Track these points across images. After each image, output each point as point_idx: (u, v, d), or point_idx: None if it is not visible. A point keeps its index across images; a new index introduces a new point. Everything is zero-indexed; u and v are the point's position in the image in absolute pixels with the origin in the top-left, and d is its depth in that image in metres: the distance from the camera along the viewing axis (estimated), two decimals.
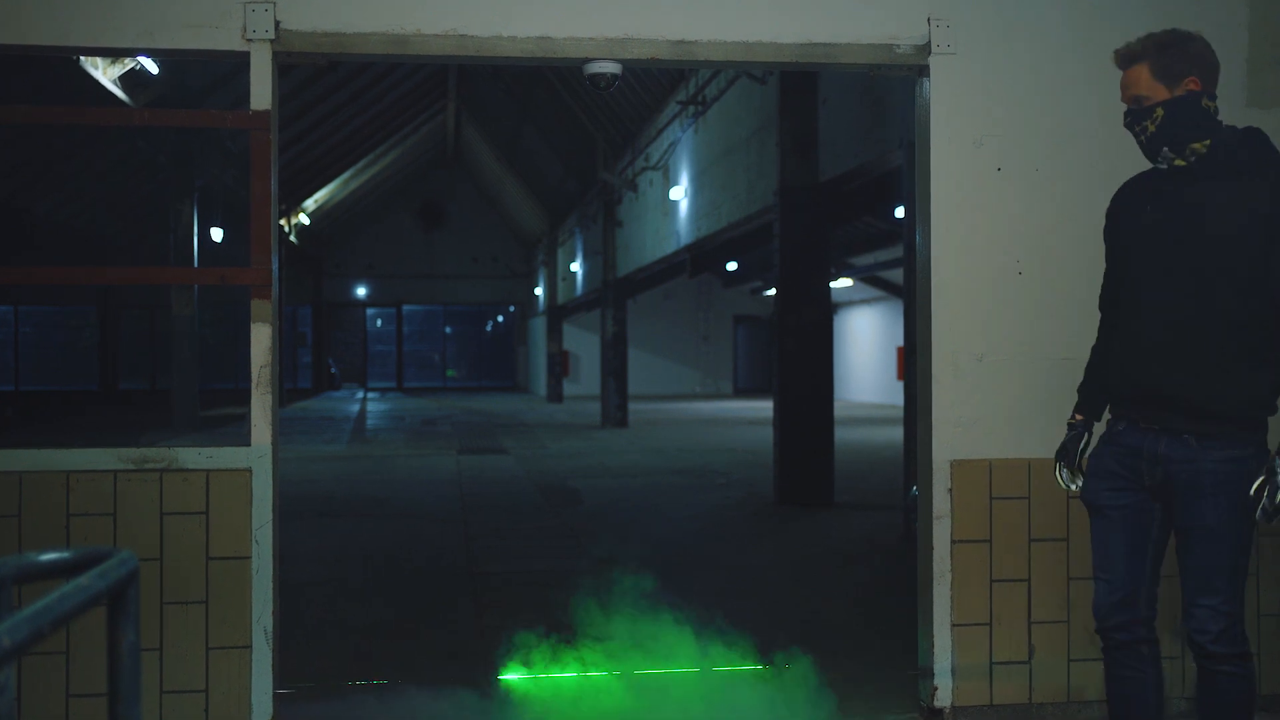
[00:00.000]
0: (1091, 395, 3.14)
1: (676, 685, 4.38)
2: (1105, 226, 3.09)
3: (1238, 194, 2.79)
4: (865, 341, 28.25)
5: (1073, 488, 3.14)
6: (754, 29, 3.84)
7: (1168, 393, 2.83)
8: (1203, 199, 2.83)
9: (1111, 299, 3.08)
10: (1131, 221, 2.97)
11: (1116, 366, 2.97)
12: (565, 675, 4.44)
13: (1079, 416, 3.15)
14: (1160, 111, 2.82)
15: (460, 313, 38.68)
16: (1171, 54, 2.83)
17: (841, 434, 10.83)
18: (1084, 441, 3.12)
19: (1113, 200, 3.09)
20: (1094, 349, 3.17)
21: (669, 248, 16.45)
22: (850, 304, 28.74)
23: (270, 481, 3.66)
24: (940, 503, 3.85)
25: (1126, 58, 2.89)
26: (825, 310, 9.93)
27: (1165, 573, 3.02)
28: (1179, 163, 2.84)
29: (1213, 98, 2.84)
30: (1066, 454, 3.13)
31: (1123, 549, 2.94)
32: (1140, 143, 2.89)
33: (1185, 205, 2.85)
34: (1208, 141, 2.81)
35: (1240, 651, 2.85)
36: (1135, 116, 2.87)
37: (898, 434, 8.85)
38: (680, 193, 15.45)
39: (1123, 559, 2.95)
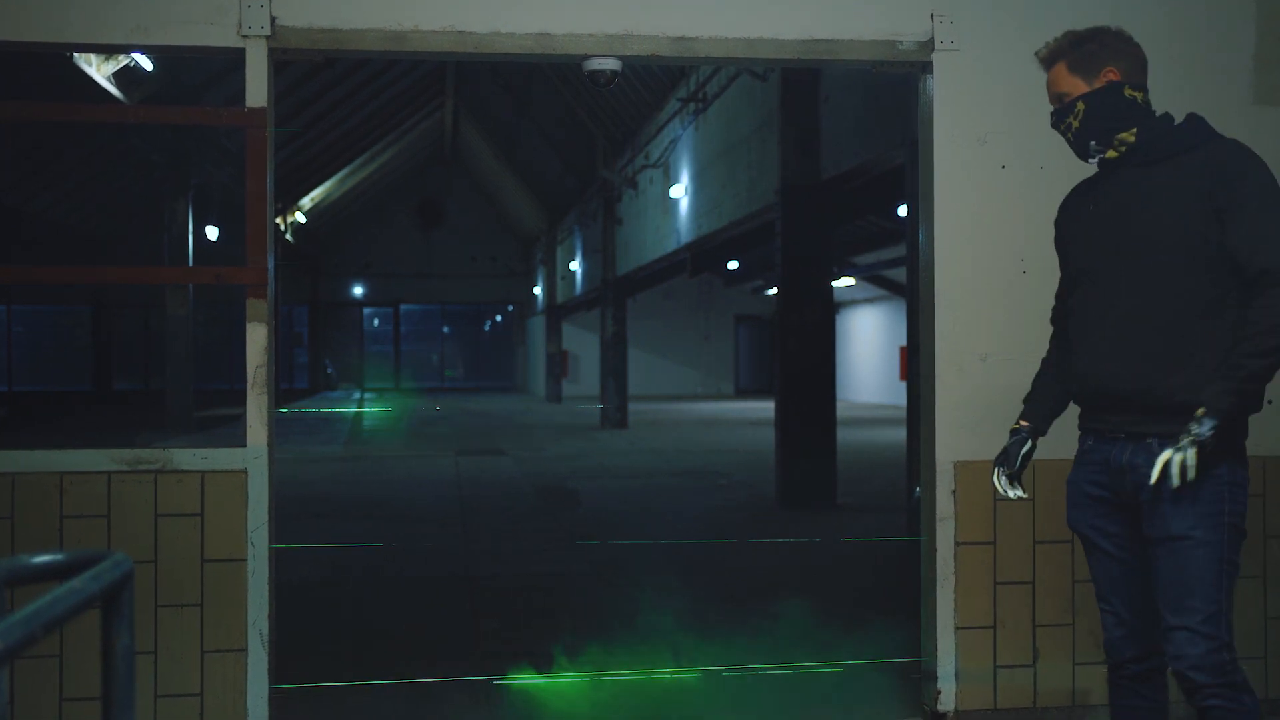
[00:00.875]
0: (1035, 407, 3.05)
1: (678, 688, 4.34)
2: (1054, 238, 3.00)
3: (1174, 173, 2.68)
4: (868, 341, 28.19)
5: (1010, 495, 3.01)
6: (755, 25, 3.81)
7: (1127, 390, 2.70)
8: (1139, 185, 2.73)
9: (1064, 312, 2.97)
10: (1075, 223, 2.88)
11: (1076, 373, 2.85)
12: (562, 678, 4.40)
13: (1023, 423, 3.04)
14: (1081, 105, 2.76)
15: (458, 312, 38.60)
16: (1086, 47, 2.79)
17: (844, 435, 10.79)
18: (1026, 447, 3.00)
19: (1058, 210, 3.01)
20: (1043, 361, 3.08)
21: (669, 246, 16.40)
22: (853, 303, 28.68)
23: (266, 483, 3.62)
24: (944, 504, 3.81)
25: (1047, 59, 2.84)
26: (827, 310, 9.88)
27: None
28: (1111, 154, 2.76)
29: (1138, 88, 2.76)
30: (1007, 458, 2.99)
31: (1121, 578, 2.79)
32: (1069, 141, 2.83)
33: (1123, 194, 2.75)
34: (1134, 130, 2.73)
35: (1229, 680, 2.58)
36: (1059, 115, 2.82)
37: (901, 435, 8.80)
38: (681, 190, 15.40)
39: (1124, 588, 2.79)
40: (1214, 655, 2.58)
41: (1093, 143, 2.77)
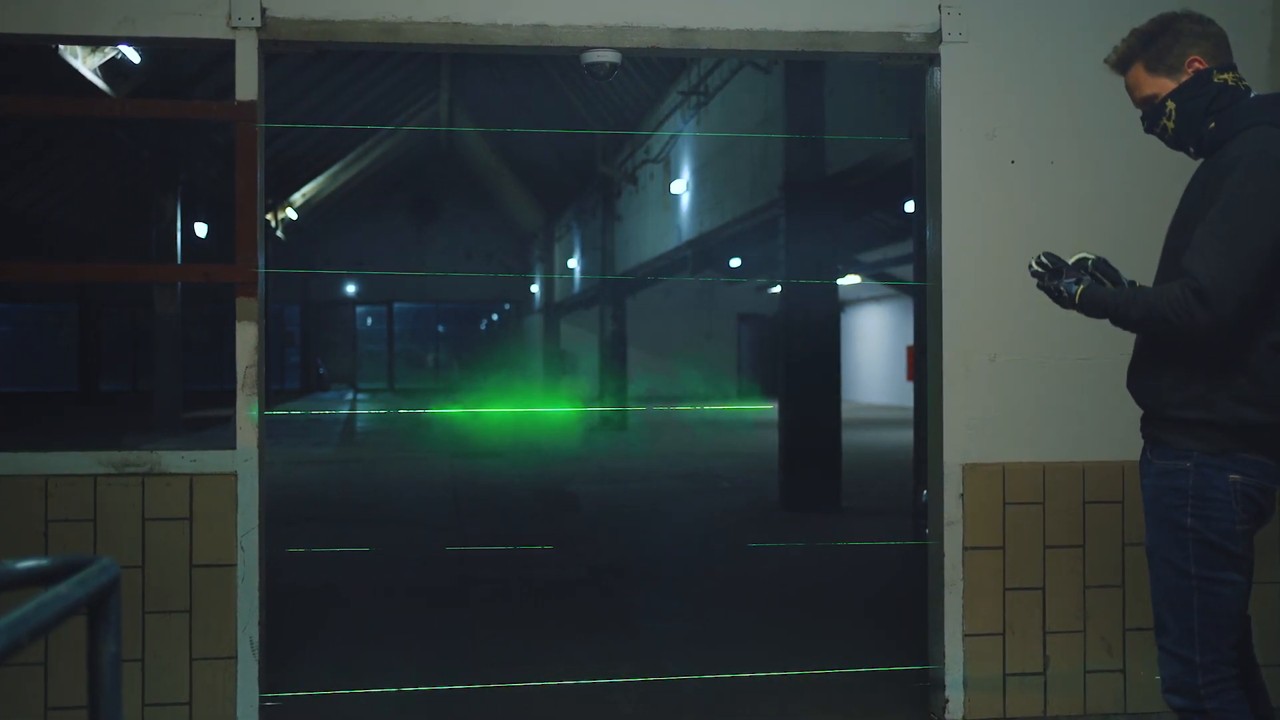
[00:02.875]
0: None
1: (679, 694, 4.26)
2: None
3: (1200, 172, 2.55)
4: (874, 341, 28.08)
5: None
6: (758, 16, 3.75)
7: (1131, 394, 2.66)
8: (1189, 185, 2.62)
9: None
10: None
11: None
12: (561, 683, 4.33)
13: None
14: (1172, 105, 2.55)
15: (454, 311, 38.45)
16: (1161, 41, 2.58)
17: (849, 436, 10.68)
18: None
19: None
20: None
21: (670, 243, 16.31)
22: (858, 302, 28.59)
23: (256, 486, 3.56)
24: (951, 508, 3.73)
25: (1119, 64, 2.65)
26: (832, 308, 9.80)
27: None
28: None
29: (1225, 69, 2.55)
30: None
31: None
32: (1168, 144, 2.66)
33: None
34: (1213, 125, 2.53)
35: (1198, 707, 2.45)
36: (1151, 120, 2.63)
37: (907, 436, 8.70)
38: (682, 186, 15.30)
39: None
40: (1186, 678, 2.47)
41: (1191, 149, 2.60)
